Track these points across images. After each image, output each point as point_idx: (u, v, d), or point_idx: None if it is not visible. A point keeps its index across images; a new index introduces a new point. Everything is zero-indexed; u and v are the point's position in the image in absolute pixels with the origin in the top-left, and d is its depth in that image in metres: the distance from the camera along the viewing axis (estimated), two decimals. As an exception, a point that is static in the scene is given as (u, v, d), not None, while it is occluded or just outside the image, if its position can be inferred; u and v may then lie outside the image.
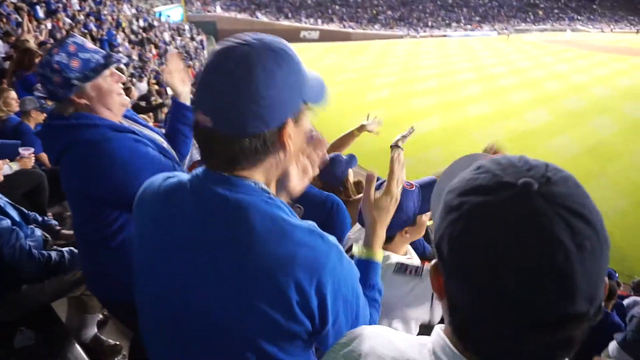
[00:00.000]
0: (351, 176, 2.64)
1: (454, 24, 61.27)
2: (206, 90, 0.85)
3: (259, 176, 0.92)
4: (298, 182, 1.23)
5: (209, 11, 47.97)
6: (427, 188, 1.67)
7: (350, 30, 52.06)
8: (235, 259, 0.84)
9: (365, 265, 1.15)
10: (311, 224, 0.90)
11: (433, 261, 0.62)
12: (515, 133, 18.14)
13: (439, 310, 1.57)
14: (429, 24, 59.95)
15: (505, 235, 0.50)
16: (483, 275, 0.51)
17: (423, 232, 1.76)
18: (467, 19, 63.89)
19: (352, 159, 2.60)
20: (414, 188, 1.66)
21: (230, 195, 0.86)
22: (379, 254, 1.19)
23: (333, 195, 2.17)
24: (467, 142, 17.15)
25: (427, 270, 1.51)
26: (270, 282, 0.82)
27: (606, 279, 0.53)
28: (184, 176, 0.96)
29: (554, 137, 17.60)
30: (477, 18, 64.41)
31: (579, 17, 69.96)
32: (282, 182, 1.31)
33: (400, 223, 1.63)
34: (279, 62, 0.84)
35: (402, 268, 1.57)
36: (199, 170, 0.93)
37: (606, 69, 34.03)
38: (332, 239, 0.90)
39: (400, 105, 22.01)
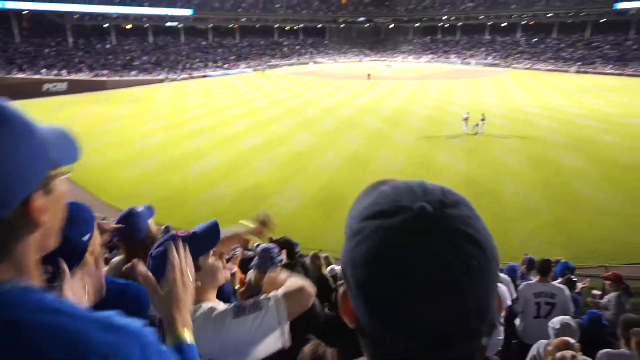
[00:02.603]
0: (153, 226, 2.55)
1: (211, 64, 63.47)
2: None
3: (13, 271, 0.72)
4: (79, 300, 1.07)
5: None
6: (207, 231, 1.64)
7: (104, 78, 48.27)
8: None
9: (177, 351, 1.05)
10: (99, 316, 0.75)
11: (341, 288, 0.63)
12: (289, 157, 19.86)
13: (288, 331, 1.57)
14: (187, 65, 60.59)
15: (400, 256, 0.52)
16: (380, 294, 0.53)
17: (219, 276, 1.67)
18: (223, 58, 67.03)
19: (149, 209, 2.57)
20: (187, 234, 1.61)
21: None
22: (186, 334, 1.10)
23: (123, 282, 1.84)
24: (250, 172, 17.92)
25: (265, 299, 1.53)
26: None
27: (499, 293, 0.57)
28: None
29: (319, 155, 19.95)
30: (232, 57, 68.26)
31: (316, 52, 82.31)
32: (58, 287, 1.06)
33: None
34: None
35: (240, 310, 1.51)
36: None
37: (346, 91, 40.63)
38: (131, 328, 0.76)
39: (176, 148, 21.56)
